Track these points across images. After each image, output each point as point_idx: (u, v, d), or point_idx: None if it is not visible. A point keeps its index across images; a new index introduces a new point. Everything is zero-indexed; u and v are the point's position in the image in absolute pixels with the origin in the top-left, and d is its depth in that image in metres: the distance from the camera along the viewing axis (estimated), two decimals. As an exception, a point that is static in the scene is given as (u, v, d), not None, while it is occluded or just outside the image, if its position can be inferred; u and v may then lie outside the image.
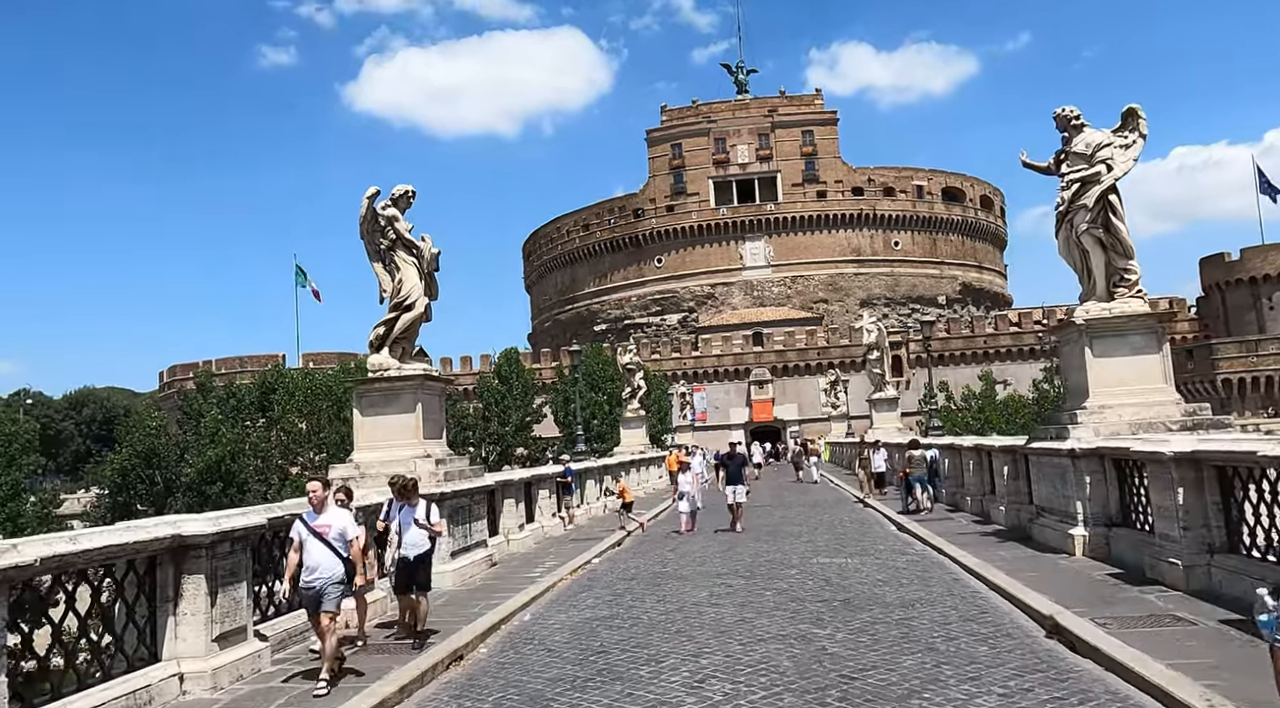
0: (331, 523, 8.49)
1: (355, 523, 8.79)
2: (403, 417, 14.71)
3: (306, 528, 8.44)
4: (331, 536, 8.40)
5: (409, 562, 9.88)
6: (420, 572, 9.91)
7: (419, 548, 9.96)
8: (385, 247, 15.17)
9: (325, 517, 8.53)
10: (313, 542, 8.39)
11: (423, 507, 10.18)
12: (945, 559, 13.91)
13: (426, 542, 10.08)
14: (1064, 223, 13.96)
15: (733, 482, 19.92)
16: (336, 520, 8.54)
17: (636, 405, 42.62)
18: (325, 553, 8.33)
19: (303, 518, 8.55)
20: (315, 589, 8.27)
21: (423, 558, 9.98)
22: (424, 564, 9.98)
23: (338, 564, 8.36)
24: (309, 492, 8.60)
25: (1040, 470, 14.29)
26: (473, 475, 15.65)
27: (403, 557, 9.92)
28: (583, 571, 15.38)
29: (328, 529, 8.42)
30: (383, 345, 15.01)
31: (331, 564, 8.31)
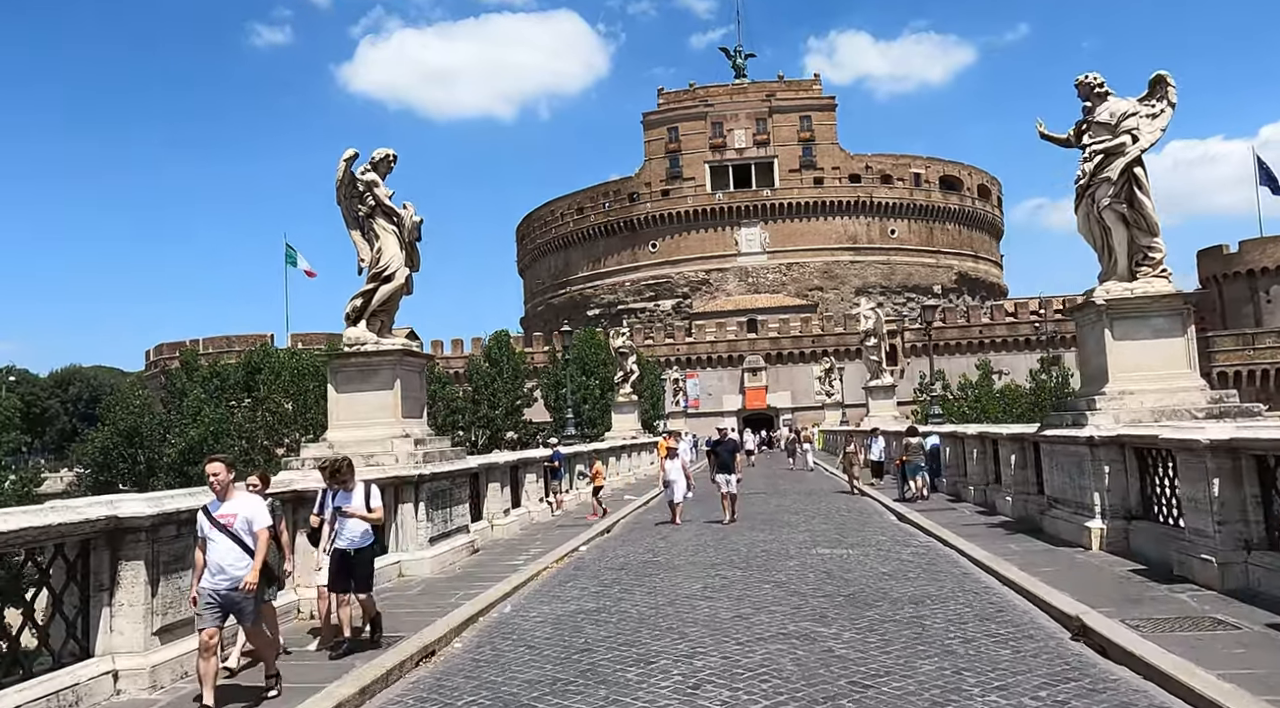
0: (237, 512, 7.02)
1: (268, 511, 7.31)
2: (380, 394, 13.87)
3: (209, 520, 7.01)
4: (237, 526, 7.00)
5: (346, 556, 8.47)
6: (360, 567, 8.54)
7: (357, 540, 8.56)
8: (364, 214, 14.29)
9: (230, 505, 7.08)
10: (217, 535, 6.95)
11: (360, 492, 8.72)
12: (952, 552, 13.17)
13: (367, 533, 8.67)
14: (1084, 198, 13.15)
15: (724, 470, 18.66)
16: (243, 508, 7.07)
17: (629, 390, 41.79)
18: (232, 549, 6.94)
19: (206, 509, 7.13)
20: (221, 595, 6.81)
21: (362, 552, 8.59)
22: (363, 559, 8.60)
23: (248, 562, 6.96)
24: (209, 475, 7.10)
25: (1054, 460, 13.54)
26: (454, 457, 14.84)
27: (337, 550, 8.50)
28: (569, 559, 14.60)
29: (232, 519, 7.01)
30: (360, 318, 14.14)
31: (240, 562, 6.91)
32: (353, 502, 8.64)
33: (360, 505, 8.64)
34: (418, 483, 13.04)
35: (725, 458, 18.72)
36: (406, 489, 12.99)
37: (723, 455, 18.78)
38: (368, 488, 8.77)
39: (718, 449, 19.10)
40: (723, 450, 18.93)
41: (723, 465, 18.68)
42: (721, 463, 18.71)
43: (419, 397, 14.78)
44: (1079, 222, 13.45)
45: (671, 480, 18.90)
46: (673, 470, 19.02)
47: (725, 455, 18.77)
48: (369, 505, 8.68)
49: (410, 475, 12.93)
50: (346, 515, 8.55)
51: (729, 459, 18.71)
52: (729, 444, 19.25)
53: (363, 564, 8.58)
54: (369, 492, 8.76)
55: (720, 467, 18.71)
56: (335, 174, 13.94)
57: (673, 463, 19.19)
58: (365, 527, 8.64)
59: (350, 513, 8.57)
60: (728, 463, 18.63)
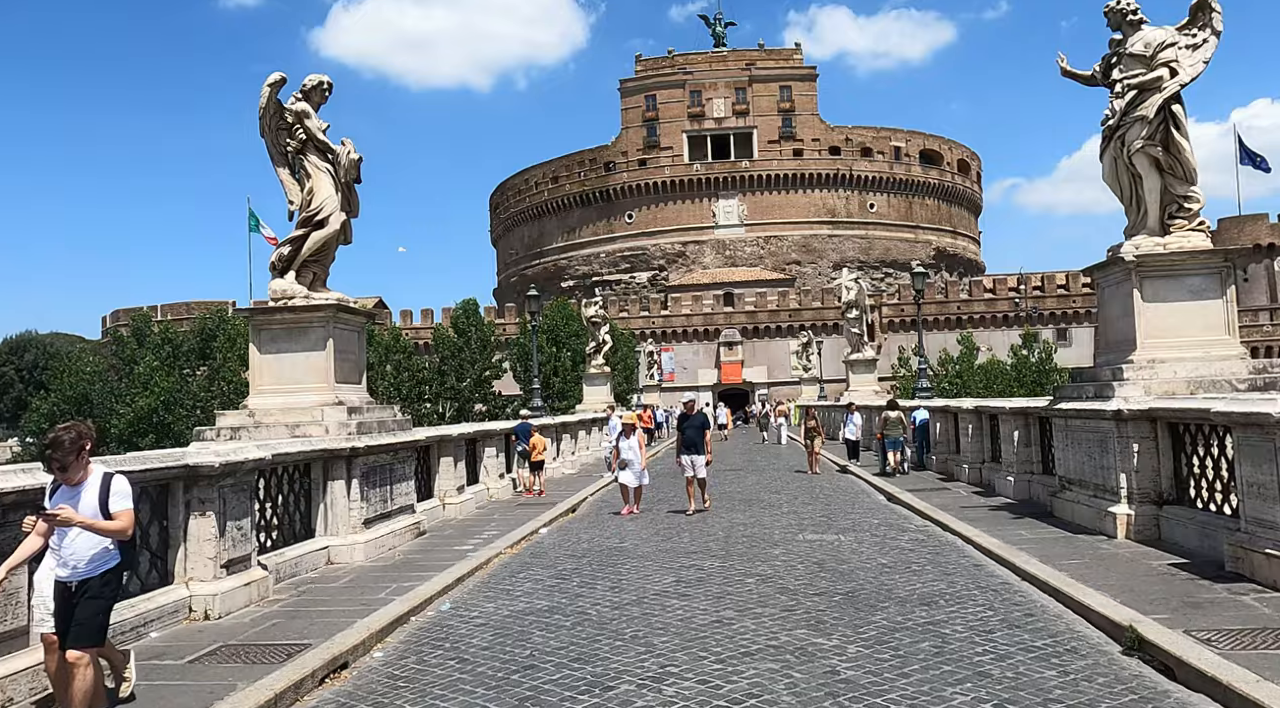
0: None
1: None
2: (310, 355, 12.11)
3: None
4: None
5: (67, 591, 5.28)
6: (86, 607, 5.24)
7: (83, 566, 5.27)
8: (293, 149, 12.46)
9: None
10: None
11: (95, 486, 5.36)
12: (955, 539, 11.72)
13: (105, 553, 5.35)
14: (1112, 141, 11.60)
15: (691, 449, 15.70)
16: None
17: (601, 361, 40.13)
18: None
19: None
20: None
21: (90, 585, 5.29)
22: (94, 595, 5.28)
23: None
24: None
25: (1070, 436, 12.09)
26: (397, 428, 13.15)
27: (57, 581, 5.32)
28: (526, 543, 13.02)
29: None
30: (288, 268, 12.35)
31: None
32: (81, 502, 5.28)
33: (91, 508, 5.28)
34: (350, 457, 11.36)
35: (692, 436, 15.89)
36: (336, 464, 11.31)
37: (689, 433, 15.99)
38: (107, 481, 5.38)
39: (684, 426, 16.24)
40: (689, 427, 16.08)
41: (689, 444, 15.81)
42: (688, 442, 15.88)
43: (357, 360, 13.05)
44: (1105, 168, 11.92)
45: (628, 461, 16.11)
46: (627, 449, 16.21)
47: (692, 433, 15.94)
48: (105, 508, 5.29)
49: (341, 448, 11.24)
50: (63, 524, 5.18)
51: (697, 437, 15.82)
52: (697, 419, 16.24)
53: (91, 604, 5.26)
54: (108, 486, 5.37)
55: (686, 446, 15.86)
56: (259, 101, 12.08)
57: (629, 441, 16.25)
58: (100, 543, 5.31)
59: (70, 520, 5.17)
60: (695, 442, 15.75)
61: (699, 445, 15.66)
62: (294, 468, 10.79)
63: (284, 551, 10.22)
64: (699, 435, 15.82)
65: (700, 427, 15.99)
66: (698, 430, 15.91)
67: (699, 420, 16.20)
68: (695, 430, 15.93)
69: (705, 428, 16.04)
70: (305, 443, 10.86)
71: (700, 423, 16.11)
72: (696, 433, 15.88)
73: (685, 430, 16.07)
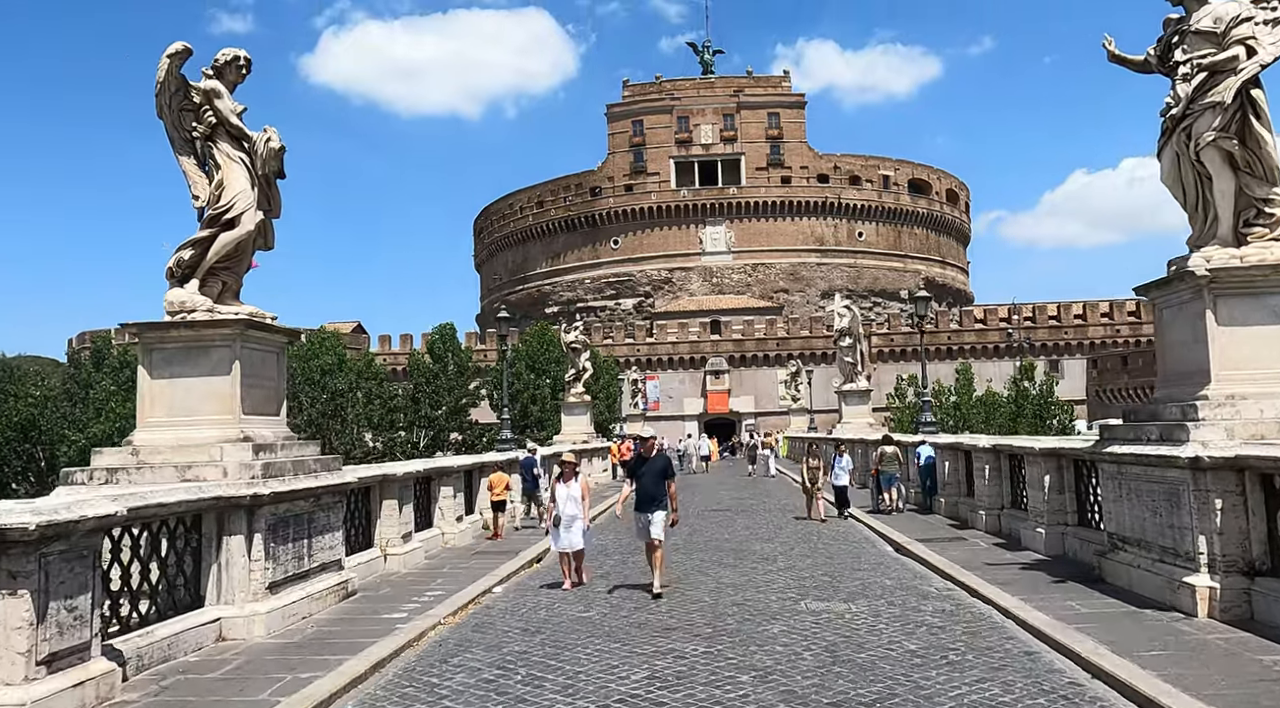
0: None
1: None
2: (211, 381, 10.02)
3: None
4: None
5: None
6: None
7: None
8: (201, 135, 10.46)
9: None
10: None
11: None
12: (991, 610, 9.67)
13: None
14: (1175, 133, 9.76)
15: (648, 503, 11.38)
16: None
17: (581, 389, 38.08)
18: None
19: None
20: None
21: None
22: None
23: None
24: None
25: (1125, 486, 10.11)
26: (321, 469, 11.01)
27: None
28: (474, 607, 10.89)
29: None
30: (190, 276, 10.28)
31: None
32: None
33: None
34: (251, 507, 9.23)
35: (650, 487, 11.45)
36: (234, 516, 9.17)
37: (646, 482, 11.50)
38: None
39: (639, 473, 11.71)
40: (647, 474, 11.55)
41: (645, 497, 11.45)
42: (644, 493, 11.47)
43: (274, 387, 10.94)
44: (1164, 167, 10.06)
45: (571, 516, 11.86)
46: (565, 499, 12.00)
47: (650, 483, 11.47)
48: None
49: (239, 496, 9.11)
50: None
51: (655, 488, 11.44)
52: (657, 464, 11.67)
53: None
54: None
55: (641, 498, 11.49)
56: (156, 74, 10.08)
57: (568, 488, 12.09)
58: None
59: None
60: (654, 494, 11.41)
61: (659, 498, 11.43)
62: (177, 521, 8.66)
63: (154, 629, 8.04)
64: (659, 486, 11.50)
65: (661, 474, 11.56)
66: (657, 479, 11.52)
67: (660, 465, 11.64)
68: (654, 478, 11.52)
69: (668, 476, 11.59)
70: (191, 490, 8.73)
71: (661, 469, 11.60)
72: (655, 483, 11.50)
73: (641, 477, 11.62)
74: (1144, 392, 73.41)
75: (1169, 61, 9.99)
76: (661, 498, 11.45)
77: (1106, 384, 76.35)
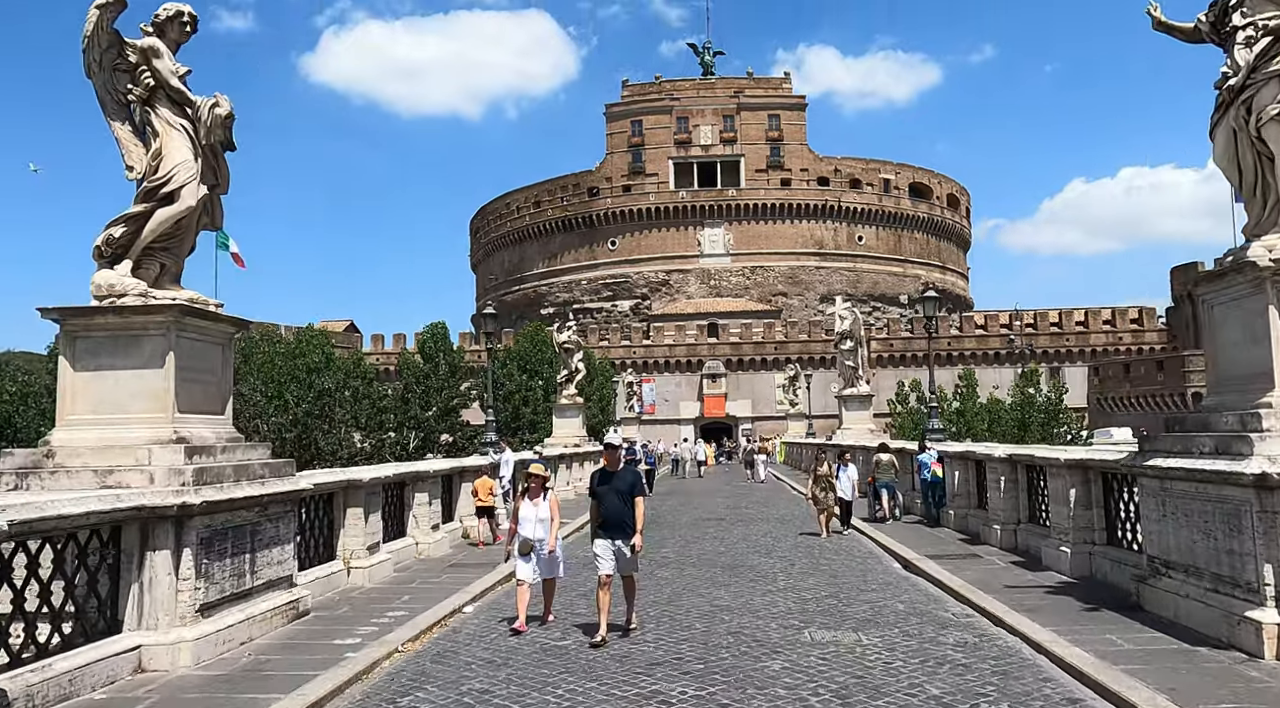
0: None
1: None
2: (143, 374, 8.87)
3: None
4: None
5: None
6: None
7: None
8: (138, 98, 9.34)
9: None
10: None
11: None
12: (1020, 644, 8.54)
13: None
14: (1232, 107, 8.65)
15: (612, 528, 9.14)
16: None
17: (573, 391, 36.94)
18: None
19: None
20: None
21: None
22: None
23: None
24: None
25: (1170, 504, 8.99)
26: (270, 475, 9.86)
27: None
28: (440, 630, 9.76)
29: None
30: (123, 256, 9.14)
31: None
32: None
33: None
34: (180, 518, 8.08)
35: (615, 507, 9.14)
36: (160, 528, 8.03)
37: (610, 502, 9.19)
38: None
39: (600, 488, 9.37)
40: (611, 491, 9.22)
41: (609, 520, 9.18)
42: (607, 515, 9.19)
43: (217, 383, 9.79)
44: (1217, 146, 8.96)
45: (533, 542, 9.60)
46: (528, 520, 9.68)
47: (615, 503, 9.15)
48: None
49: (165, 506, 7.97)
50: None
51: (621, 508, 9.12)
52: (624, 479, 9.32)
53: None
54: None
55: (605, 522, 9.22)
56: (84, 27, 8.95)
57: (534, 506, 9.75)
58: None
59: None
60: (618, 516, 9.12)
61: (626, 522, 9.10)
62: (90, 535, 7.51)
63: (51, 662, 6.89)
64: (626, 506, 9.11)
65: (629, 491, 9.21)
66: (624, 497, 9.14)
67: (628, 481, 9.29)
68: (620, 497, 9.14)
69: (637, 491, 9.29)
70: (106, 499, 7.58)
71: (629, 485, 9.25)
72: (621, 502, 9.12)
73: (604, 496, 9.26)
74: (1146, 400, 72.46)
75: (1224, 27, 8.90)
76: (629, 522, 9.09)
77: (1108, 392, 75.34)
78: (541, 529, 9.72)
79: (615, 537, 9.12)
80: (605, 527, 9.26)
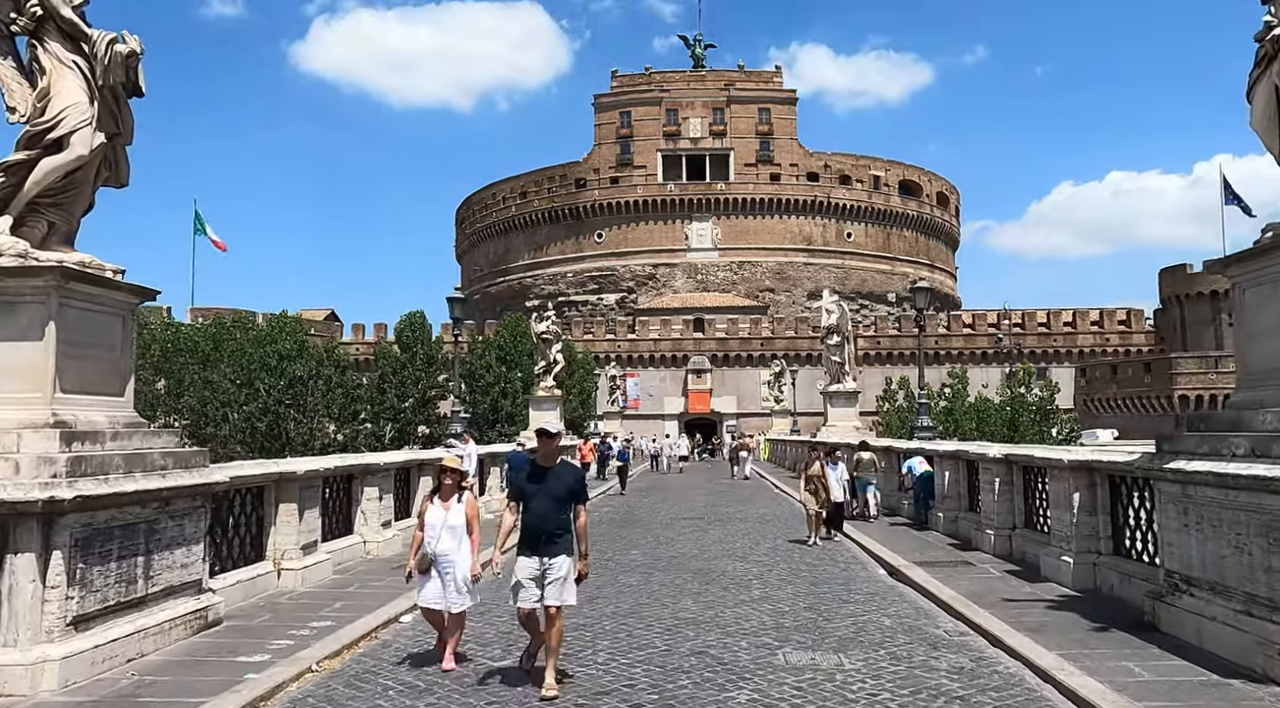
0: None
1: None
2: (20, 348, 7.67)
3: None
4: None
5: None
6: None
7: None
8: (23, 28, 8.11)
9: None
10: None
11: None
12: (1025, 672, 7.46)
13: None
14: (1275, 61, 7.59)
15: (540, 541, 6.90)
16: None
17: (551, 383, 35.71)
18: None
19: None
20: None
21: None
22: None
23: None
24: None
25: (1194, 512, 7.93)
26: (176, 465, 8.66)
27: None
28: (365, 644, 8.60)
29: None
30: (1, 212, 7.93)
31: None
32: None
33: None
34: (48, 516, 6.89)
35: (544, 513, 6.95)
36: (22, 528, 6.84)
37: (537, 506, 6.98)
38: None
39: (526, 490, 7.08)
40: (541, 492, 7.00)
41: (537, 531, 6.93)
42: (535, 526, 6.95)
43: (114, 359, 8.59)
44: (1256, 108, 7.89)
45: (442, 559, 7.59)
46: (435, 531, 7.63)
47: (546, 507, 6.96)
48: None
49: (27, 501, 6.78)
50: None
51: (554, 517, 6.96)
52: (563, 480, 7.10)
53: None
54: None
55: (531, 533, 6.96)
56: (-46, -55, 7.71)
57: (445, 512, 7.70)
58: None
59: None
60: (549, 525, 6.92)
61: (561, 535, 6.90)
62: (-69, 534, 6.32)
63: None
64: (560, 514, 6.94)
65: (567, 496, 6.99)
66: (561, 503, 6.95)
67: (566, 482, 7.04)
68: (554, 503, 6.92)
69: (580, 497, 7.09)
70: (-49, 492, 6.39)
71: (569, 488, 7.02)
72: (556, 508, 6.93)
73: (532, 497, 6.98)
74: (1133, 402, 71.87)
75: (1267, -28, 7.82)
76: (563, 535, 6.85)
77: (1094, 394, 74.77)
78: (451, 540, 7.51)
79: (544, 554, 6.84)
80: (530, 541, 6.89)
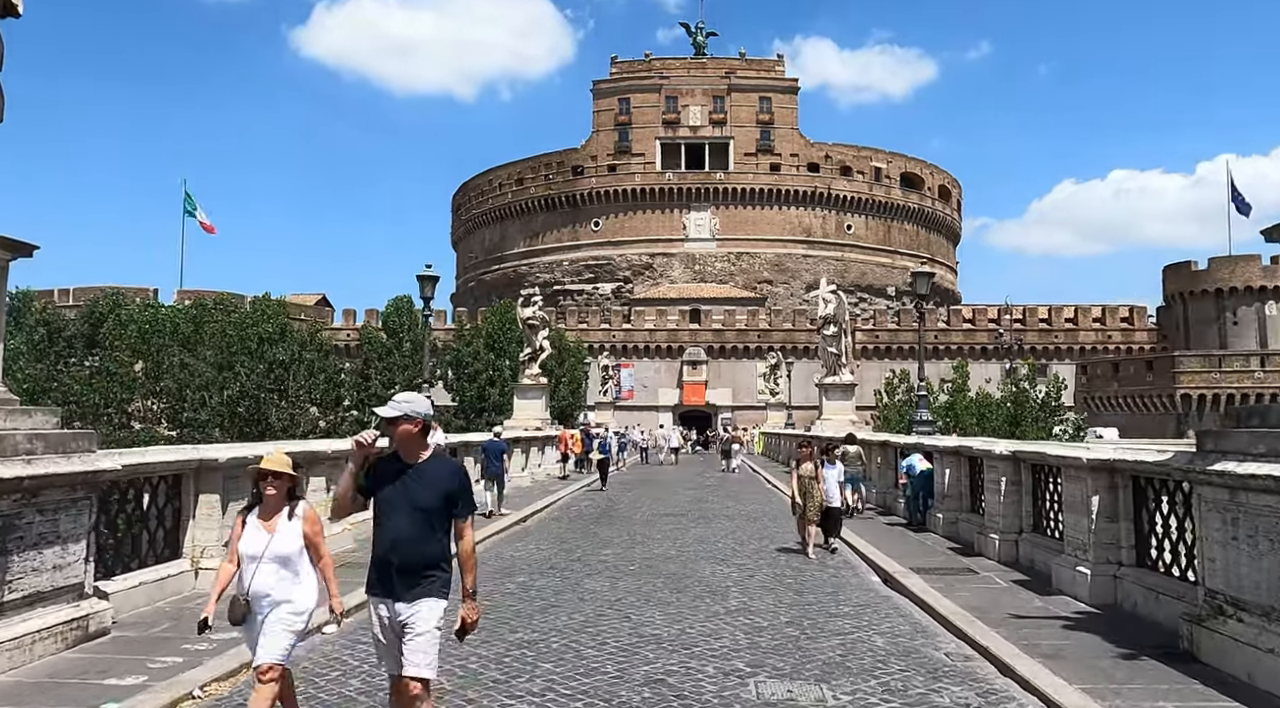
0: None
1: None
2: None
3: None
4: None
5: None
6: None
7: None
8: None
9: None
10: None
11: None
12: (1037, 703, 6.25)
13: None
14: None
15: (398, 574, 4.45)
16: None
17: (537, 371, 34.54)
18: None
19: None
20: None
21: None
22: None
23: None
24: None
25: (1243, 523, 6.70)
26: (50, 449, 7.41)
27: None
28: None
29: None
30: None
31: None
32: None
33: None
34: None
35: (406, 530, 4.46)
36: None
37: (398, 521, 4.47)
38: None
39: (379, 497, 4.54)
40: (397, 502, 4.48)
41: (395, 559, 4.47)
42: (392, 549, 4.47)
43: (-22, 324, 7.34)
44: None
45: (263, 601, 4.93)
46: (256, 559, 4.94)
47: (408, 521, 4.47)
48: None
49: None
50: None
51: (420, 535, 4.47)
52: (437, 481, 4.51)
53: None
54: None
55: (387, 561, 4.49)
56: None
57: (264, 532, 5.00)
58: None
59: None
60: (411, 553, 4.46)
61: (431, 564, 4.53)
62: None
63: None
64: (429, 530, 4.50)
65: (441, 504, 4.52)
66: (429, 516, 4.50)
67: (441, 486, 4.53)
68: (419, 516, 4.48)
69: (461, 508, 4.57)
70: None
71: (441, 493, 4.52)
72: (423, 524, 4.49)
73: (387, 506, 4.51)
74: (1135, 400, 70.67)
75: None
76: (430, 568, 4.50)
77: (1095, 391, 73.60)
78: (275, 576, 4.90)
79: (401, 596, 4.47)
80: (381, 574, 4.53)
